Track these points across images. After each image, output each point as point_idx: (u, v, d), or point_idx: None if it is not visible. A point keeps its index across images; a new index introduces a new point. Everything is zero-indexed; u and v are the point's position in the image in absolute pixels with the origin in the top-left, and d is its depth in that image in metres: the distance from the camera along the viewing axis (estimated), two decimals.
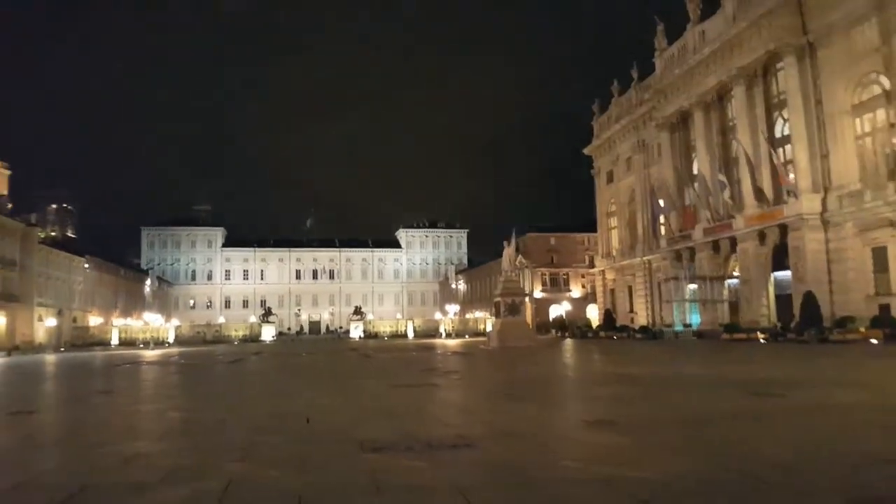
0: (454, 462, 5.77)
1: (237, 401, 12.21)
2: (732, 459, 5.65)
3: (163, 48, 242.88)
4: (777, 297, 41.40)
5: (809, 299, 34.05)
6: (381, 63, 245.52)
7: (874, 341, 29.55)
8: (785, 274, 39.95)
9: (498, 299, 37.63)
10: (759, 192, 41.02)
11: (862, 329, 31.17)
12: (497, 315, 38.51)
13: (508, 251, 38.82)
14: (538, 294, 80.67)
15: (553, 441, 7.05)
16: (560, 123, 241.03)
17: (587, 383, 14.60)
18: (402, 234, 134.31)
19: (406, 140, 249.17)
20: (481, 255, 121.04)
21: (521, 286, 41.62)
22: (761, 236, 40.89)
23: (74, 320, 72.48)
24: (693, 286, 46.56)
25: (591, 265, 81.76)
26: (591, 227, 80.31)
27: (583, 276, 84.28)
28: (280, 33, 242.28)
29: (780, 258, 40.38)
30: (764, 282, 41.62)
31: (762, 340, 35.98)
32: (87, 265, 77.88)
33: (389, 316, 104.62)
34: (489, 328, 69.22)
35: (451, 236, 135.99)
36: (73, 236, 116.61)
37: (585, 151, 68.83)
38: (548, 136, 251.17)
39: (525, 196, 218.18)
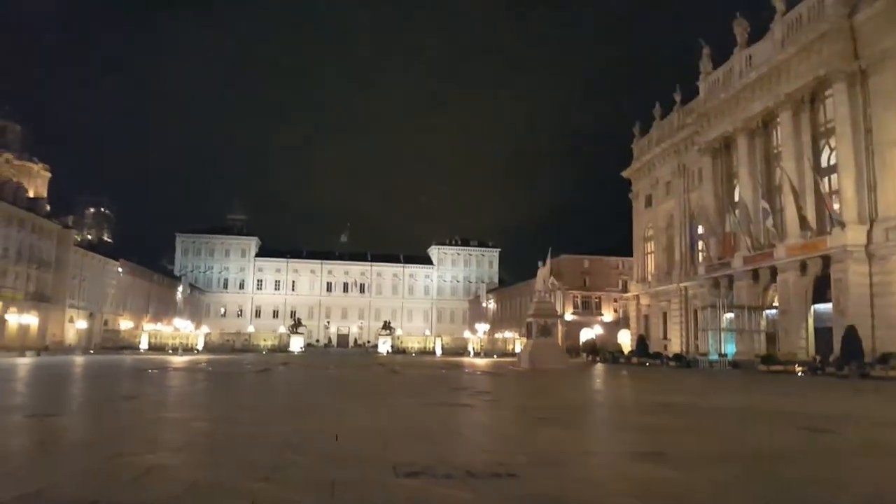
0: (497, 493, 5.23)
1: (263, 414, 11.80)
2: (791, 501, 5.12)
3: (207, 60, 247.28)
4: (816, 329, 40.07)
5: (851, 333, 32.80)
6: (417, 80, 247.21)
7: None
8: (825, 306, 38.71)
9: (530, 320, 36.99)
10: (802, 222, 39.88)
11: None
12: (528, 336, 37.87)
13: (543, 271, 38.16)
14: (569, 317, 79.73)
15: (600, 473, 6.49)
16: (597, 146, 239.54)
17: (628, 411, 13.91)
18: (434, 251, 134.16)
19: (442, 158, 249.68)
20: (513, 275, 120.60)
21: (555, 308, 40.82)
22: (803, 267, 39.68)
23: (105, 323, 73.39)
24: (730, 315, 45.32)
25: (625, 289, 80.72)
26: (625, 250, 79.32)
27: (615, 301, 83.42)
28: (317, 46, 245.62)
29: (821, 290, 39.17)
30: (803, 313, 40.36)
31: (800, 373, 34.86)
32: (120, 269, 78.83)
33: (418, 332, 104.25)
34: (518, 349, 68.58)
35: (482, 255, 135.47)
36: (109, 240, 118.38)
37: (624, 174, 67.93)
38: (584, 159, 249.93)
39: (559, 218, 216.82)
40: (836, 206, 37.64)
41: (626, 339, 77.47)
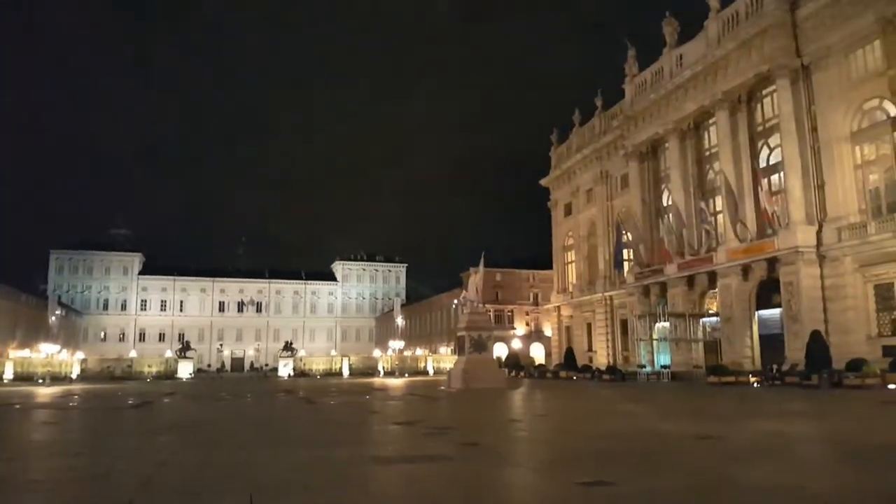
0: None
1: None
2: None
3: (84, 57, 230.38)
4: (761, 336, 37.91)
5: (817, 340, 30.50)
6: (321, 89, 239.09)
7: (892, 386, 26.27)
8: (770, 312, 36.93)
9: (462, 334, 32.62)
10: (742, 225, 37.73)
11: (878, 372, 27.47)
12: (460, 352, 33.43)
13: (475, 279, 33.78)
14: None
15: None
16: (506, 157, 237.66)
17: (695, 455, 9.42)
18: (339, 267, 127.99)
19: (347, 172, 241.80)
20: (420, 290, 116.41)
21: (490, 319, 36.60)
22: (745, 271, 37.42)
23: None
24: (664, 324, 42.58)
25: (536, 303, 79.35)
26: (536, 263, 79.47)
27: (527, 314, 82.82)
28: (207, 47, 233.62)
29: (764, 296, 37.13)
30: (748, 320, 38.07)
31: (755, 384, 32.31)
32: None
33: (321, 352, 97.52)
34: (430, 366, 64.04)
35: (389, 270, 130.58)
36: None
37: (542, 183, 64.94)
38: (493, 171, 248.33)
39: (467, 231, 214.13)
40: (777, 208, 35.69)
41: (539, 353, 75.72)
